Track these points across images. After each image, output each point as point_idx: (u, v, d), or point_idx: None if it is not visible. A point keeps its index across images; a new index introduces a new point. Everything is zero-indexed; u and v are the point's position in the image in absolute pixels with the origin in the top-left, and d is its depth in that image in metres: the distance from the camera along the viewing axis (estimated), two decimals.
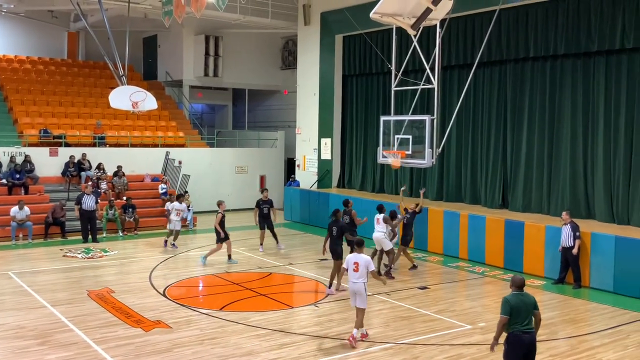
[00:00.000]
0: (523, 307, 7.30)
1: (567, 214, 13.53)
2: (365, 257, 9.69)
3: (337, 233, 12.68)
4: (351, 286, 9.71)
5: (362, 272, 9.57)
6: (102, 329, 10.18)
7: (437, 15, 11.10)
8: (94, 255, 16.14)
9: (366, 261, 9.63)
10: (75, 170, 20.91)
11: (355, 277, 9.59)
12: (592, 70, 15.53)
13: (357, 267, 9.59)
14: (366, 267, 9.58)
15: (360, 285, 9.57)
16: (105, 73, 26.64)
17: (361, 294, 9.58)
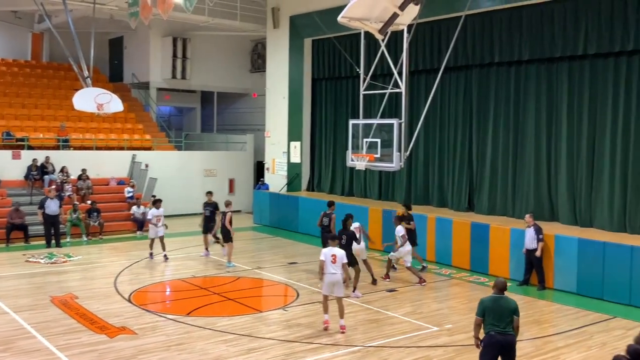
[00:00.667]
0: (498, 309, 7.49)
1: (530, 216, 13.72)
2: (341, 251, 10.59)
3: (346, 242, 12.45)
4: (330, 277, 10.41)
5: (339, 263, 10.41)
6: (65, 336, 9.99)
7: (404, 20, 11.17)
8: (58, 261, 15.82)
9: (342, 254, 10.52)
10: (39, 174, 20.49)
11: (333, 269, 10.37)
12: (555, 75, 15.83)
13: (335, 259, 10.40)
14: (341, 260, 10.45)
15: (338, 276, 10.40)
16: (69, 75, 26.17)
17: (340, 283, 10.42)
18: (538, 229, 13.49)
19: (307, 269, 15.35)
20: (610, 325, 11.17)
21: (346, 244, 12.39)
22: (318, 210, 19.85)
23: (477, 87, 17.58)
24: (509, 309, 7.53)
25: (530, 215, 13.74)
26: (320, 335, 10.26)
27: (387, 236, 17.44)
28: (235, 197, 25.46)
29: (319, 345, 9.80)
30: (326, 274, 10.42)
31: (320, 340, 9.99)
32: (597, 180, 14.99)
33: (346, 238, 12.52)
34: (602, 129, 14.88)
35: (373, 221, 17.94)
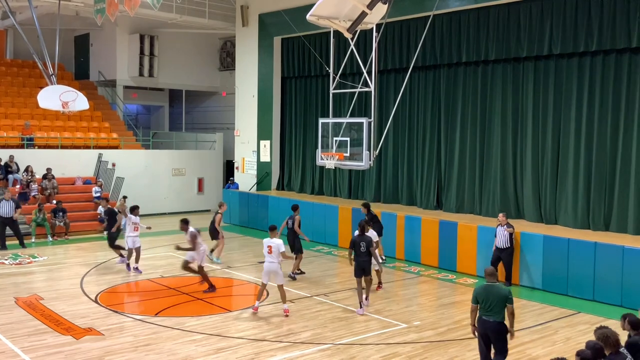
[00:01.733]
0: (488, 295, 7.94)
1: (503, 215, 13.69)
2: (277, 241, 11.07)
3: (365, 248, 11.34)
4: (267, 266, 11.15)
5: (275, 253, 11.02)
6: (30, 337, 9.81)
7: (372, 19, 11.24)
8: (22, 261, 15.51)
9: (278, 244, 11.03)
10: (2, 173, 20.05)
11: (270, 258, 11.08)
12: (521, 75, 16.09)
13: (271, 250, 11.03)
14: (278, 249, 11.01)
15: (275, 265, 11.09)
16: (34, 72, 25.65)
17: (277, 272, 11.14)
18: (510, 226, 13.51)
19: None
20: (574, 320, 11.40)
21: (366, 251, 11.30)
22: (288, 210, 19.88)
23: (445, 86, 17.77)
24: (499, 296, 7.89)
25: (503, 215, 13.71)
26: (289, 333, 10.26)
27: None
28: (205, 196, 25.33)
29: (288, 343, 9.79)
30: (265, 263, 11.19)
31: (290, 339, 9.99)
32: (561, 179, 15.29)
33: (365, 245, 11.32)
34: (566, 128, 15.17)
35: (343, 220, 18.00)
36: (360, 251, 11.29)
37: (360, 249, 11.29)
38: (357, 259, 11.38)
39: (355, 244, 11.40)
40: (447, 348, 9.73)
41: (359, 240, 11.36)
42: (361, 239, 11.35)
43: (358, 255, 11.35)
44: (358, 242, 11.34)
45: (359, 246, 11.30)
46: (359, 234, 11.48)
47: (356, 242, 11.39)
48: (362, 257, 11.31)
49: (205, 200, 25.37)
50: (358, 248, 11.30)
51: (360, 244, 11.31)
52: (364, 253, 11.30)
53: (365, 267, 11.37)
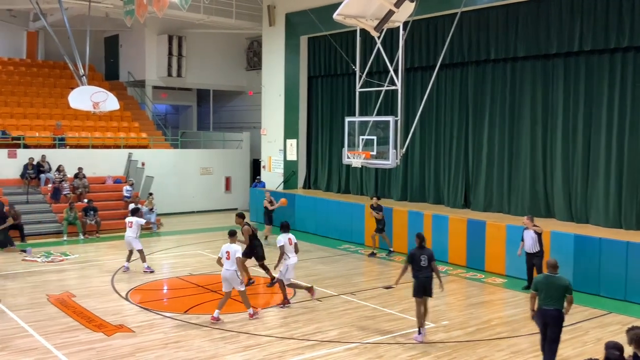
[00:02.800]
0: (549, 286, 8.34)
1: (529, 218, 13.13)
2: (235, 247, 10.72)
3: (427, 262, 9.95)
4: (223, 273, 10.74)
5: (232, 259, 10.63)
6: (62, 334, 9.99)
7: (399, 18, 11.21)
8: (55, 259, 15.81)
9: (235, 250, 10.67)
10: (34, 173, 20.46)
11: (228, 265, 10.67)
12: (551, 72, 15.87)
13: (229, 256, 10.65)
14: (234, 255, 10.63)
15: (232, 272, 10.66)
16: (65, 73, 26.12)
17: (234, 279, 10.70)
18: (538, 229, 12.90)
19: (304, 265, 15.37)
20: (605, 320, 11.22)
21: (428, 265, 9.94)
22: (315, 208, 19.98)
23: (473, 83, 17.62)
24: (560, 287, 8.33)
25: (529, 218, 13.16)
26: (316, 332, 10.29)
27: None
28: (232, 195, 25.53)
29: (316, 342, 9.82)
30: (222, 270, 10.76)
31: (317, 337, 10.02)
32: (592, 177, 15.05)
33: (427, 259, 9.95)
34: (597, 125, 14.93)
35: (369, 219, 17.96)
36: (421, 266, 9.88)
37: (420, 263, 9.89)
38: (417, 276, 9.92)
39: (414, 257, 9.97)
40: (475, 348, 9.66)
41: (418, 254, 9.96)
42: (421, 252, 9.97)
43: (418, 271, 9.89)
44: (418, 256, 9.95)
45: (419, 260, 9.90)
46: (417, 246, 10.10)
47: (415, 255, 9.98)
48: (424, 273, 9.89)
49: (233, 199, 25.57)
50: (418, 263, 9.89)
51: (420, 257, 9.93)
52: (426, 268, 9.90)
53: (427, 285, 9.92)
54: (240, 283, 10.80)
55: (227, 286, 10.82)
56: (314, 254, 17.04)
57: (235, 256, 10.65)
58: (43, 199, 20.10)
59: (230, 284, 10.76)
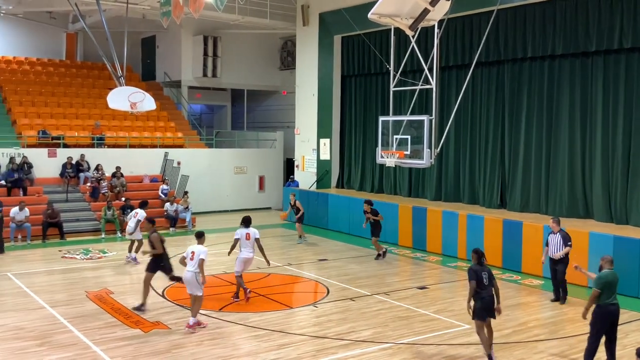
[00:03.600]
0: (614, 283, 8.43)
1: (554, 221, 12.33)
2: (201, 248, 10.28)
3: (489, 281, 8.90)
4: (184, 275, 10.33)
5: (196, 261, 10.16)
6: (101, 330, 10.19)
7: (434, 16, 11.13)
8: (93, 257, 16.14)
9: (200, 251, 10.22)
10: (74, 172, 20.91)
11: (189, 266, 10.22)
12: (590, 70, 15.56)
13: (193, 257, 10.21)
14: (199, 256, 10.17)
15: (192, 274, 10.16)
16: (103, 74, 26.62)
17: (193, 282, 10.17)
18: (566, 236, 12.19)
19: (337, 265, 15.39)
20: None
21: (490, 283, 8.89)
22: (348, 208, 19.96)
23: (510, 82, 17.37)
24: (617, 282, 8.49)
25: (554, 220, 12.39)
26: (350, 332, 10.28)
27: (417, 233, 17.41)
28: (265, 194, 25.70)
29: (350, 341, 9.82)
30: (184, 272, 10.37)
31: (351, 337, 10.01)
32: (633, 177, 14.69)
33: (488, 276, 8.91)
34: (638, 124, 14.58)
35: (403, 218, 17.89)
36: (485, 285, 8.82)
37: (483, 281, 8.82)
38: (482, 296, 8.81)
39: (477, 274, 8.82)
40: (512, 350, 9.54)
41: (480, 271, 8.88)
42: (482, 269, 8.93)
43: (483, 290, 8.80)
44: (480, 273, 8.84)
45: (482, 278, 8.82)
46: (476, 262, 9.00)
47: (478, 272, 8.84)
48: (487, 291, 8.83)
49: (266, 198, 25.74)
50: (481, 281, 8.80)
51: (482, 274, 8.86)
52: (488, 286, 8.84)
53: (491, 305, 8.88)
54: (199, 288, 10.19)
55: (189, 289, 10.33)
56: (347, 253, 17.04)
57: (200, 257, 10.13)
58: (82, 197, 20.53)
59: (190, 286, 10.24)
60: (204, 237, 10.63)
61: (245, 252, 11.99)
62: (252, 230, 12.00)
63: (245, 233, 11.95)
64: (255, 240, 11.98)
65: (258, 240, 12.02)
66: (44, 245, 17.66)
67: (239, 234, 11.96)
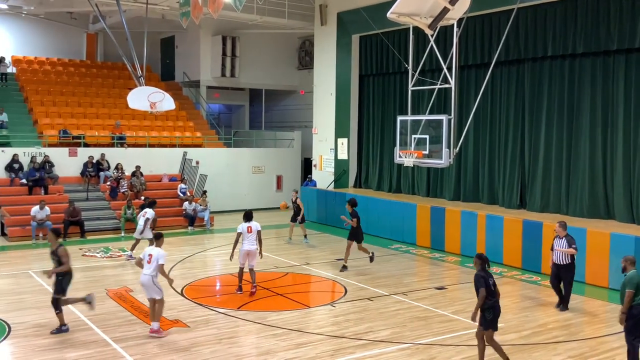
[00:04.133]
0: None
1: (560, 225, 11.75)
2: (159, 252, 10.01)
3: (494, 287, 8.57)
4: (141, 278, 10.07)
5: (153, 264, 9.89)
6: (121, 328, 10.29)
7: (454, 15, 11.06)
8: (113, 255, 16.29)
9: (158, 254, 9.97)
10: (94, 171, 21.13)
11: (146, 269, 9.97)
12: (611, 69, 15.37)
13: (150, 260, 9.94)
14: (157, 260, 9.90)
15: (149, 278, 9.91)
16: (123, 74, 26.88)
17: (151, 286, 9.93)
18: (571, 240, 11.54)
19: (354, 265, 15.37)
20: None
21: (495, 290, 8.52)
22: (366, 207, 19.90)
23: (530, 81, 17.22)
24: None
25: (561, 224, 11.77)
26: (368, 331, 10.27)
27: (435, 233, 17.33)
28: (283, 193, 25.71)
29: (367, 341, 9.81)
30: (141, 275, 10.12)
31: (369, 337, 9.99)
32: None
33: (493, 283, 8.57)
34: None
35: (421, 218, 17.81)
36: (493, 292, 8.48)
37: (492, 288, 8.49)
38: (494, 305, 8.48)
39: (486, 282, 8.42)
40: (531, 352, 9.46)
41: (487, 277, 8.50)
42: (490, 275, 8.55)
43: (493, 298, 8.45)
44: (488, 280, 8.47)
45: (489, 285, 8.46)
46: (481, 268, 8.59)
47: (486, 279, 8.45)
48: (497, 301, 8.51)
49: (284, 197, 25.66)
50: (490, 288, 8.45)
51: (489, 281, 8.48)
52: (494, 293, 8.50)
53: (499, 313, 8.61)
54: (158, 292, 9.95)
55: (145, 291, 10.10)
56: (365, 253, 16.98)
57: (158, 262, 9.86)
58: (102, 196, 20.75)
59: (148, 290, 10.01)
60: (163, 239, 10.31)
61: (247, 245, 12.26)
62: (253, 223, 12.32)
63: (247, 227, 12.27)
64: (257, 232, 12.32)
65: (259, 232, 12.37)
66: (64, 244, 17.72)
67: (241, 228, 12.28)
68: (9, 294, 12.53)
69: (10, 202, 19.10)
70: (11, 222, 18.43)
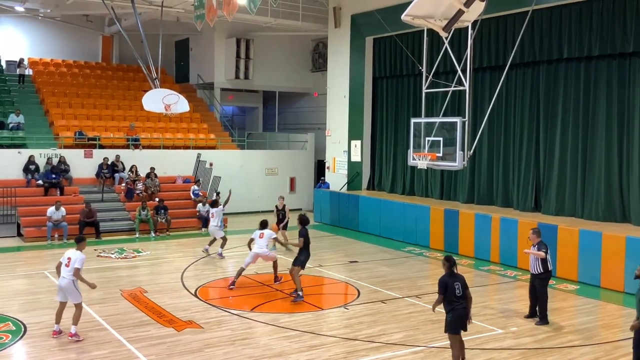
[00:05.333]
0: None
1: (534, 233, 11.15)
2: (78, 255, 9.84)
3: (462, 291, 8.51)
4: (59, 281, 9.87)
5: (71, 267, 9.74)
6: (135, 328, 10.35)
7: (469, 17, 11.03)
8: (127, 256, 16.40)
9: (76, 258, 9.77)
10: (109, 172, 21.28)
11: (64, 273, 9.78)
12: (627, 71, 15.23)
13: (69, 263, 9.77)
14: (74, 264, 9.74)
15: (68, 281, 9.75)
16: (138, 76, 27.07)
17: (70, 289, 9.79)
18: (541, 246, 10.91)
19: (367, 267, 15.35)
20: None
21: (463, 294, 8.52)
22: (379, 210, 19.90)
23: (545, 83, 17.11)
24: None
25: (534, 232, 11.19)
26: (381, 334, 10.25)
27: (448, 236, 17.27)
28: (296, 195, 25.77)
29: (380, 344, 9.79)
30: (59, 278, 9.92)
31: (381, 340, 9.97)
32: None
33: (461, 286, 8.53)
34: None
35: (434, 221, 17.76)
36: (457, 295, 8.44)
37: (455, 292, 8.44)
38: (453, 307, 8.46)
39: (447, 286, 8.46)
40: (545, 356, 9.39)
41: (452, 282, 8.48)
42: (455, 279, 8.52)
43: (454, 302, 8.44)
44: (452, 284, 8.46)
45: (454, 289, 8.45)
46: (447, 272, 8.60)
47: (448, 284, 8.45)
48: (461, 303, 8.45)
49: (298, 199, 25.79)
50: (453, 292, 8.43)
51: (454, 285, 8.48)
52: (461, 297, 8.46)
53: (464, 318, 8.51)
54: (78, 296, 9.79)
55: (62, 296, 9.86)
56: (378, 255, 16.98)
57: (74, 266, 9.66)
58: (117, 197, 20.89)
59: (65, 294, 9.80)
60: (84, 243, 10.17)
61: (257, 248, 13.11)
62: (266, 231, 13.22)
63: (260, 233, 13.16)
64: (274, 239, 13.81)
65: (276, 238, 14.07)
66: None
67: (254, 234, 13.25)
68: (25, 294, 12.66)
69: (27, 203, 19.29)
70: (27, 223, 18.61)
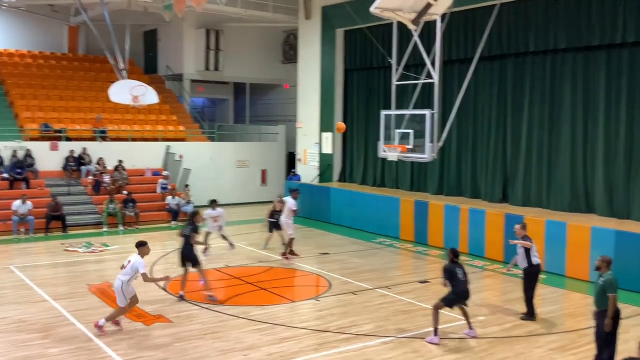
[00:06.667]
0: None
1: (521, 226, 11.11)
2: (137, 258, 9.84)
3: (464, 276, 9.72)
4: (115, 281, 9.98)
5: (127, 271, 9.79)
6: None
7: (437, 10, 11.11)
8: (95, 250, 16.18)
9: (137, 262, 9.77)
10: (76, 165, 20.94)
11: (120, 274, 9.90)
12: (592, 64, 15.51)
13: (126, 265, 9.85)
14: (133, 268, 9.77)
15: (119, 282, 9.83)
16: (105, 67, 26.57)
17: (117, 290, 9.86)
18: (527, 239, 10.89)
19: (339, 259, 15.42)
20: None
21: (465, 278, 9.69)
22: (350, 201, 19.98)
23: (512, 76, 17.34)
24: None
25: (521, 226, 11.14)
26: (352, 325, 10.31)
27: (418, 227, 17.44)
28: (267, 187, 25.69)
29: (351, 335, 9.85)
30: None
31: (352, 331, 10.04)
32: (635, 171, 14.69)
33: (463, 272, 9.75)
34: None
35: (404, 212, 17.90)
36: (460, 279, 9.62)
37: (458, 276, 9.61)
38: (456, 291, 9.63)
39: (452, 273, 9.62)
40: (513, 344, 9.56)
41: (454, 268, 9.66)
42: (457, 266, 9.69)
43: (457, 286, 9.62)
44: (454, 270, 9.64)
45: (456, 274, 9.61)
46: (450, 261, 9.71)
47: (452, 270, 9.64)
48: (463, 286, 9.67)
49: (268, 191, 25.68)
50: (456, 277, 9.60)
51: (457, 271, 9.63)
52: (463, 281, 9.66)
53: (464, 298, 9.78)
54: (122, 299, 9.87)
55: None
56: (349, 247, 17.06)
57: (140, 271, 9.78)
58: (84, 190, 20.58)
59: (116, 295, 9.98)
60: (146, 248, 10.03)
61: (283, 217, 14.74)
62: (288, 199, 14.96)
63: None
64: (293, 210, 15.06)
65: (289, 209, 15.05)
66: (46, 238, 17.70)
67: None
68: None
69: None
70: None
